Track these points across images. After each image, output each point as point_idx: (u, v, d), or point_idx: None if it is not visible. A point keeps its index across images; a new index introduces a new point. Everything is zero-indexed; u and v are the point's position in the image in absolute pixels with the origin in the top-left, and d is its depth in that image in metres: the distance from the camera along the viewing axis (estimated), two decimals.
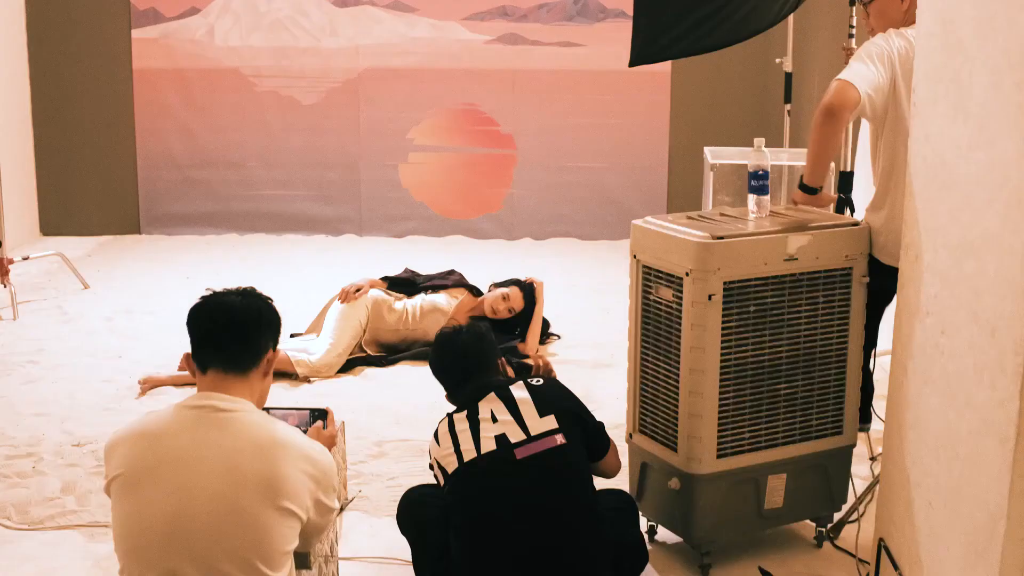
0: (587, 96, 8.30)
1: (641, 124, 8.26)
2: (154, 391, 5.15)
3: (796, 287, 3.51)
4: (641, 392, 3.69)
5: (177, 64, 8.32)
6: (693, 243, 3.38)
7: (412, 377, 5.37)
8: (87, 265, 7.50)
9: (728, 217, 3.66)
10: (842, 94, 3.51)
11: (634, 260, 3.63)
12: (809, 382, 3.60)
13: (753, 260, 3.42)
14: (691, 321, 3.40)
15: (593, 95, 8.30)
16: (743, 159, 5.67)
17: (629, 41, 8.11)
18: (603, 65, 8.23)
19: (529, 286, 5.79)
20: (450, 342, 3.55)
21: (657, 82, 8.16)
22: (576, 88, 8.30)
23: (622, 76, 8.16)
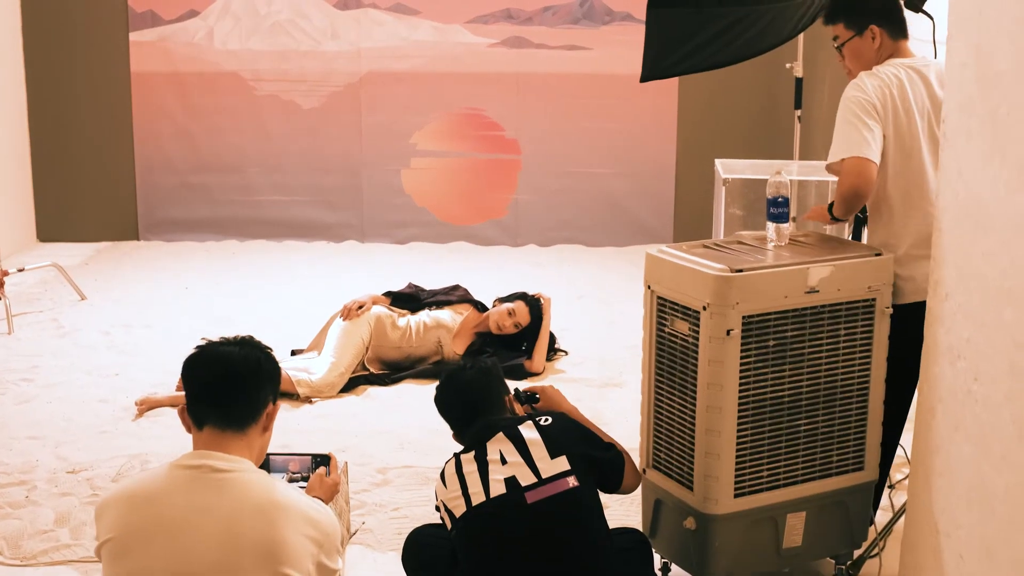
0: (593, 100, 8.16)
1: (648, 128, 8.11)
2: (151, 412, 5.02)
3: (817, 320, 3.37)
4: (655, 427, 3.56)
5: (176, 67, 8.18)
6: (711, 276, 3.24)
7: (416, 397, 5.24)
8: (84, 274, 7.37)
9: (745, 246, 3.52)
10: (864, 174, 3.45)
11: (648, 291, 3.50)
12: (830, 417, 3.46)
13: (773, 293, 3.28)
14: (708, 357, 3.27)
15: (599, 99, 8.15)
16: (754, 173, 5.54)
17: (636, 44, 7.98)
18: (609, 69, 8.08)
19: (535, 300, 5.66)
20: (455, 380, 3.42)
21: (665, 86, 8.00)
22: (582, 92, 8.16)
23: (629, 80, 8.01)
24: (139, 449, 4.62)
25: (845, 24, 3.69)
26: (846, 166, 3.48)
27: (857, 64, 3.71)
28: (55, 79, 8.10)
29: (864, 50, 3.69)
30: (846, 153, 3.48)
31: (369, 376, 5.39)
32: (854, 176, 3.46)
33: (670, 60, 4.35)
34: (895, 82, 3.56)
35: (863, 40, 3.68)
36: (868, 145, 3.48)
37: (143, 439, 4.74)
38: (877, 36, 3.66)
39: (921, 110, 3.57)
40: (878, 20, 3.66)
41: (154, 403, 5.05)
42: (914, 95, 3.58)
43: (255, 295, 6.97)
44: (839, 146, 3.52)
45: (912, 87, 3.58)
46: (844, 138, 3.51)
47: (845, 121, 3.53)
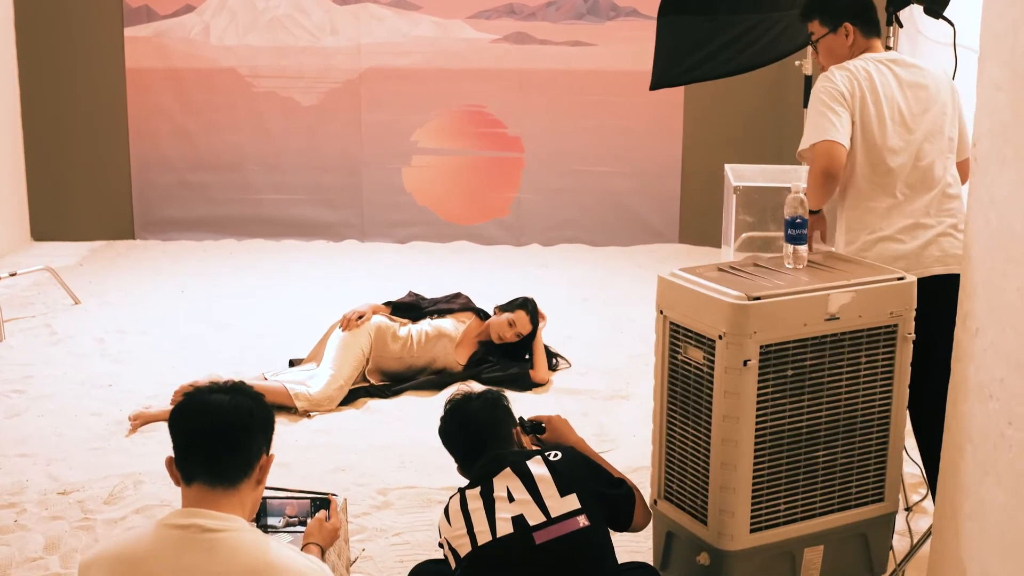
0: (597, 97, 8.00)
1: (653, 126, 7.95)
2: (144, 427, 4.88)
3: (837, 348, 3.24)
4: (667, 457, 3.42)
5: (172, 64, 8.02)
6: (727, 304, 3.10)
7: (417, 410, 5.10)
8: (79, 275, 7.22)
9: (762, 269, 3.38)
10: (833, 156, 3.56)
11: (660, 316, 3.36)
12: (850, 448, 3.33)
13: (792, 321, 3.14)
14: (724, 388, 3.13)
15: (604, 96, 8.00)
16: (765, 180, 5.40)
17: (641, 40, 7.86)
18: (614, 65, 7.93)
19: (534, 305, 5.51)
20: (460, 411, 3.28)
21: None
22: (586, 89, 8.00)
23: (634, 76, 7.87)
24: (132, 467, 4.48)
25: (820, 21, 3.80)
26: (816, 150, 3.60)
27: (830, 60, 3.80)
28: (49, 75, 7.94)
29: (837, 47, 3.79)
30: (813, 138, 3.60)
31: (369, 388, 5.25)
32: (823, 157, 3.58)
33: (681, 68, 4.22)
34: (863, 73, 3.66)
35: (837, 37, 3.77)
36: (836, 129, 3.58)
37: (136, 456, 4.60)
38: (851, 34, 3.76)
39: (889, 98, 3.65)
40: (852, 18, 3.76)
41: (148, 418, 4.91)
42: (882, 84, 3.66)
43: (253, 298, 6.82)
44: (809, 134, 3.63)
45: (880, 77, 3.67)
46: (813, 126, 3.62)
47: (815, 111, 3.64)
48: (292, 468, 4.50)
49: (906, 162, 3.63)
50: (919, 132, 3.64)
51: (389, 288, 6.95)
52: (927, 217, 3.65)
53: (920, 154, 3.64)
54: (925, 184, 3.65)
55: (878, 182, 3.64)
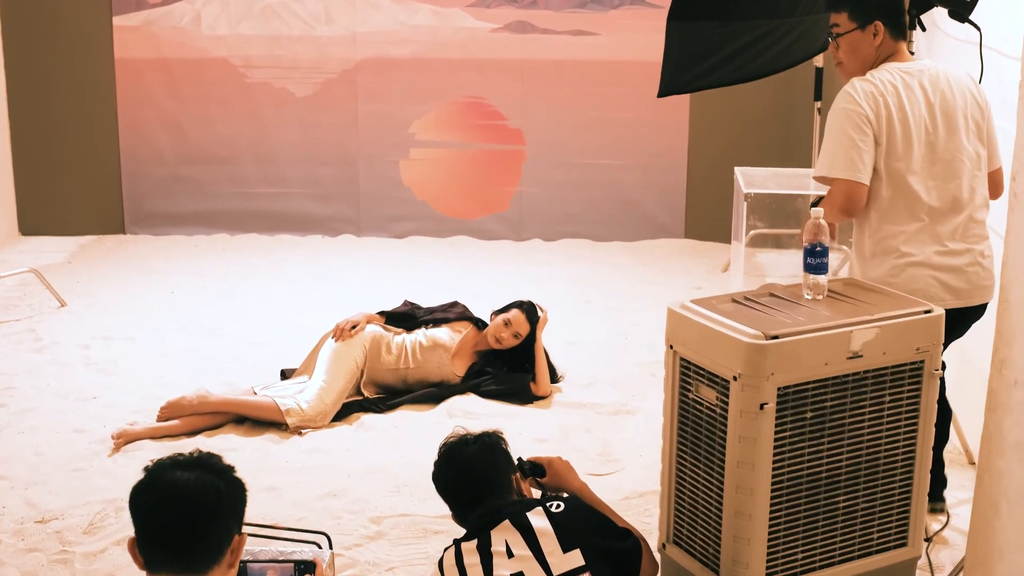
0: (601, 88, 7.76)
1: (658, 118, 7.71)
2: (128, 447, 4.67)
3: (860, 387, 3.02)
4: (676, 499, 3.22)
5: (162, 54, 7.77)
6: (743, 343, 2.88)
7: (413, 426, 4.89)
8: (66, 273, 7.01)
9: (778, 300, 3.16)
10: (854, 199, 3.41)
11: (670, 351, 3.14)
12: (872, 492, 3.12)
13: (812, 361, 2.93)
14: (739, 433, 2.91)
15: (607, 87, 7.75)
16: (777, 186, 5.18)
17: (646, 29, 7.62)
18: (618, 55, 7.68)
19: (530, 305, 5.29)
20: (456, 457, 3.07)
21: None
22: (590, 80, 7.75)
23: (638, 67, 7.64)
24: (114, 492, 4.27)
25: (849, 15, 3.51)
26: (837, 189, 3.41)
27: (853, 59, 3.55)
28: (36, 65, 7.69)
29: (863, 46, 3.52)
30: (833, 172, 3.40)
31: (363, 402, 5.04)
32: (844, 199, 3.41)
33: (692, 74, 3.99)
34: (890, 90, 3.41)
35: (864, 35, 3.50)
36: (858, 166, 3.37)
37: (119, 479, 4.39)
38: (880, 33, 3.49)
39: (916, 118, 3.42)
40: (883, 17, 3.49)
41: (132, 436, 4.70)
42: (910, 103, 3.42)
43: (245, 300, 6.61)
44: (830, 161, 3.41)
45: (907, 94, 3.42)
46: (833, 155, 3.40)
47: (837, 135, 3.40)
48: (282, 493, 4.30)
49: (933, 185, 3.42)
50: (946, 153, 3.42)
51: (386, 287, 6.76)
52: (954, 242, 3.45)
53: (947, 176, 3.43)
54: (953, 208, 3.45)
55: (904, 206, 3.44)
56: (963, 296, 3.46)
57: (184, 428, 4.78)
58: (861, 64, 3.49)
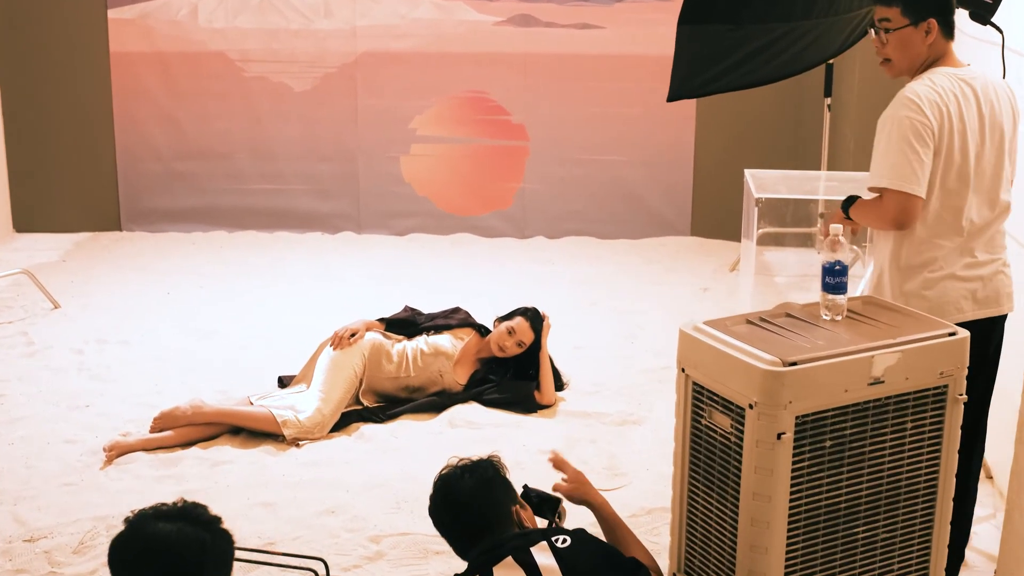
0: (606, 83, 7.61)
1: (664, 113, 7.55)
2: (121, 459, 4.54)
3: (881, 414, 2.88)
4: (688, 529, 3.08)
5: (157, 47, 7.61)
6: (759, 370, 2.74)
7: (414, 437, 4.76)
8: (61, 272, 6.89)
9: (795, 321, 3.02)
10: (910, 213, 3.23)
11: (682, 375, 3.00)
12: (892, 522, 2.99)
13: (832, 388, 2.79)
14: (754, 463, 2.78)
15: (612, 82, 7.60)
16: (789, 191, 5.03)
17: (652, 22, 7.46)
18: (624, 49, 7.52)
19: (535, 312, 5.15)
20: (451, 492, 2.92)
21: None
22: (594, 74, 7.60)
23: (644, 61, 7.49)
24: (106, 509, 4.14)
25: (903, 10, 3.32)
26: (891, 199, 3.23)
27: (903, 57, 3.35)
28: (29, 60, 7.54)
29: (915, 43, 3.33)
30: (893, 184, 3.21)
31: (362, 412, 4.91)
32: (899, 212, 3.23)
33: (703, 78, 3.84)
34: (951, 99, 3.24)
35: (917, 32, 3.31)
36: (917, 179, 3.19)
37: (111, 494, 4.27)
38: (933, 31, 3.31)
39: (973, 131, 3.26)
40: (937, 14, 3.31)
41: (124, 448, 4.57)
42: (967, 115, 3.26)
43: (242, 300, 6.48)
44: (886, 170, 3.22)
45: (965, 104, 3.26)
46: (892, 164, 3.21)
47: (897, 143, 3.20)
48: (278, 509, 4.17)
49: (977, 200, 3.29)
50: (989, 166, 3.29)
51: (387, 289, 6.63)
52: (982, 252, 3.32)
53: (990, 189, 3.30)
54: (989, 220, 3.32)
55: (950, 220, 3.29)
56: (991, 305, 3.34)
57: (178, 439, 4.65)
58: (911, 63, 3.32)
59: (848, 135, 7.14)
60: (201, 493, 4.25)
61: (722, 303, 6.46)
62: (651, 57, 7.45)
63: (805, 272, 6.99)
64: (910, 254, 3.32)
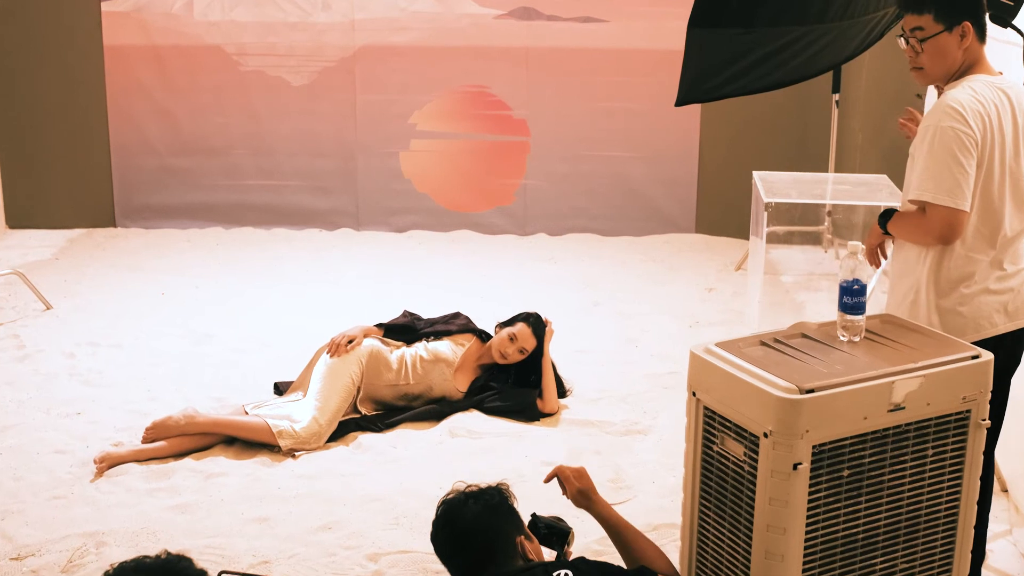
0: (609, 77, 7.47)
1: (669, 108, 7.27)
2: (112, 471, 4.41)
3: (901, 441, 2.76)
4: (699, 560, 2.95)
5: (152, 41, 7.47)
6: (775, 398, 2.61)
7: (413, 447, 4.64)
8: (53, 271, 6.76)
9: (811, 343, 2.89)
10: (956, 228, 3.10)
11: (693, 399, 2.87)
12: (911, 552, 2.86)
13: (851, 415, 2.66)
14: (769, 494, 2.65)
15: (616, 76, 7.46)
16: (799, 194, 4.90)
17: (657, 16, 7.31)
18: (627, 43, 7.39)
19: (537, 318, 5.03)
20: (455, 521, 2.81)
21: None
22: (597, 68, 7.46)
23: (648, 55, 7.36)
24: (96, 524, 4.02)
25: (935, 15, 3.16)
26: (936, 214, 3.09)
27: (939, 65, 3.21)
28: (21, 53, 7.41)
29: (951, 49, 3.18)
30: (938, 198, 3.07)
31: (360, 420, 4.78)
32: (944, 227, 3.10)
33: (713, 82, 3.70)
34: (992, 109, 3.11)
35: (952, 37, 3.17)
36: (963, 193, 3.06)
37: (101, 509, 4.14)
38: (968, 35, 3.17)
39: (1012, 142, 3.16)
40: (971, 16, 3.17)
41: (115, 459, 4.44)
42: (1005, 124, 3.14)
43: (238, 301, 6.35)
44: (930, 183, 3.08)
45: (1004, 114, 3.14)
46: (936, 177, 3.07)
47: (943, 156, 3.07)
48: (273, 525, 4.04)
49: (1010, 212, 3.18)
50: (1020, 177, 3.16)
51: (385, 289, 6.52)
52: (1010, 264, 3.21)
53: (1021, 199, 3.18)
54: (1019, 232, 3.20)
55: (987, 233, 3.17)
56: (1020, 316, 3.24)
57: (171, 450, 4.53)
58: (946, 70, 3.19)
59: (856, 130, 7.00)
60: (194, 507, 4.14)
61: (728, 303, 6.33)
62: (655, 51, 7.31)
63: (812, 271, 6.87)
64: (948, 269, 3.19)
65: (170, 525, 4.02)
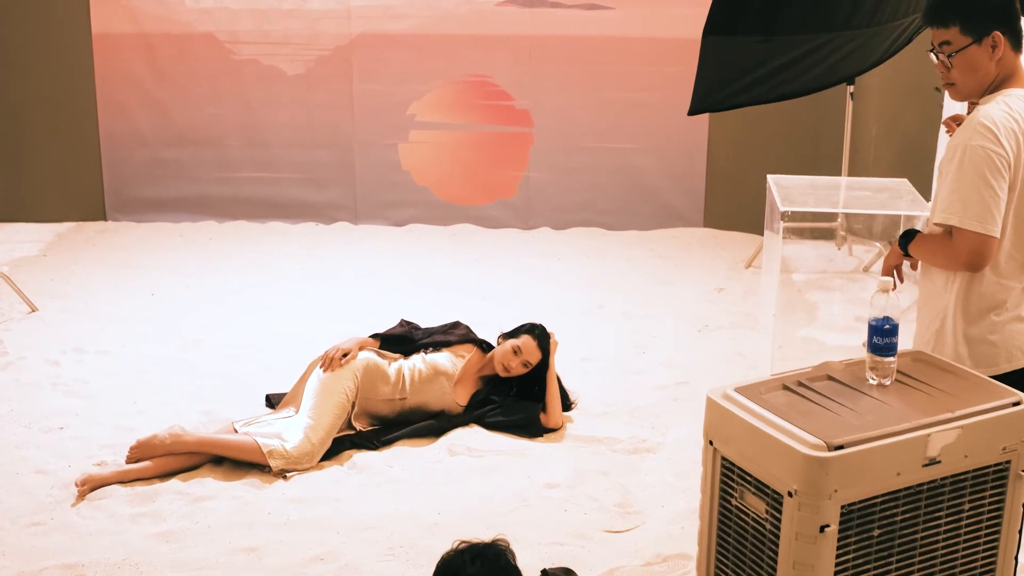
0: (615, 67, 7.23)
1: (676, 99, 7.14)
2: (95, 493, 4.20)
3: (935, 497, 2.54)
4: None
5: (143, 28, 7.24)
6: (801, 455, 2.39)
7: (411, 467, 4.42)
8: (40, 270, 6.55)
9: (838, 387, 2.67)
10: (985, 256, 2.88)
11: (710, 447, 2.66)
12: None
13: (883, 472, 2.45)
14: (793, 558, 2.44)
15: (622, 65, 7.23)
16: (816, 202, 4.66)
17: (663, 3, 7.07)
18: (633, 31, 7.15)
19: (542, 331, 4.81)
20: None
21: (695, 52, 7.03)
22: (602, 57, 7.22)
23: (654, 44, 7.13)
24: (75, 555, 3.81)
25: (961, 28, 2.94)
26: (963, 240, 2.87)
27: (971, 80, 2.99)
28: (7, 42, 7.17)
29: (982, 62, 2.97)
30: (966, 223, 2.86)
31: (355, 437, 4.57)
32: (971, 254, 2.88)
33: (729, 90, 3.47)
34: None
35: (982, 49, 2.95)
36: (993, 218, 2.85)
37: (80, 537, 3.93)
38: (1000, 45, 2.94)
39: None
40: (1001, 25, 2.94)
41: (98, 481, 4.23)
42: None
43: (231, 303, 6.14)
44: (958, 206, 2.86)
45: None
46: (964, 199, 2.85)
47: (971, 176, 2.85)
48: (262, 555, 3.83)
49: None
50: None
51: (384, 288, 6.32)
52: None
53: None
54: None
55: (1019, 259, 2.97)
56: None
57: (156, 470, 4.32)
58: (979, 84, 2.97)
59: (871, 122, 6.77)
60: (179, 535, 3.93)
61: (738, 304, 6.12)
62: (662, 40, 7.07)
63: (824, 269, 6.65)
64: (978, 297, 2.98)
65: (153, 556, 3.81)
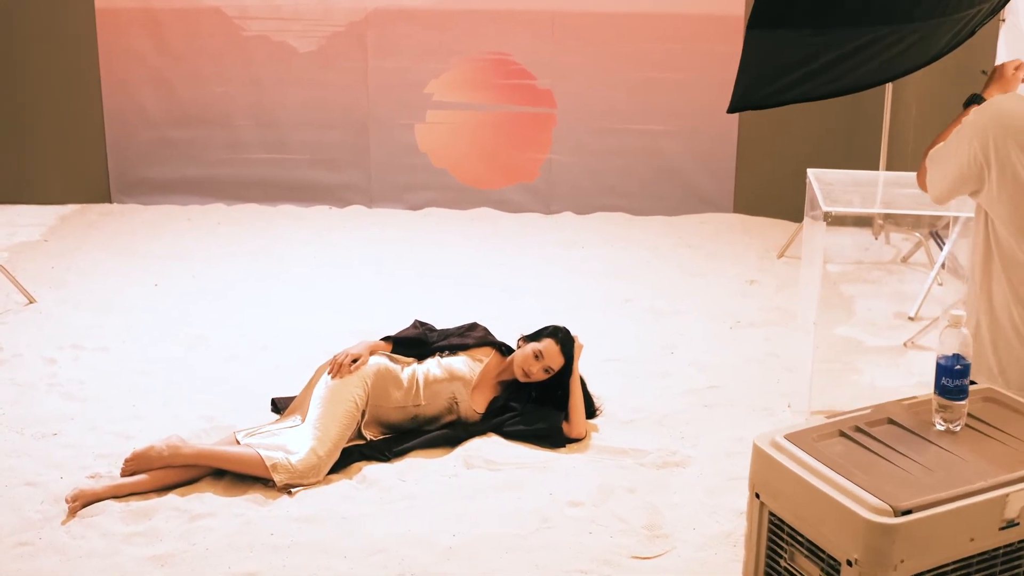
0: (641, 45, 6.93)
1: (706, 78, 6.86)
2: (87, 510, 3.93)
3: (1012, 562, 2.25)
4: None
5: (148, 3, 7.00)
6: (864, 521, 2.10)
7: (424, 481, 4.14)
8: (40, 256, 6.30)
9: (901, 433, 2.37)
10: None
11: (756, 500, 2.36)
12: None
13: (956, 538, 2.15)
14: None
15: (649, 43, 6.92)
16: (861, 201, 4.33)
17: None
18: (661, 7, 6.84)
19: (566, 334, 4.51)
20: None
21: (727, 29, 6.73)
22: (628, 35, 6.92)
23: (683, 20, 6.81)
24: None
25: None
26: None
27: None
28: (7, 17, 6.90)
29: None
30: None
31: (365, 448, 4.29)
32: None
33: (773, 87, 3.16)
34: None
35: None
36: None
37: (71, 559, 3.67)
38: None
39: None
40: None
41: (90, 497, 3.96)
42: None
43: (237, 294, 5.87)
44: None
45: None
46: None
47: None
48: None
49: None
50: None
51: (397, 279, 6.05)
52: None
53: None
54: None
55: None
56: None
57: (152, 484, 4.05)
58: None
59: (911, 102, 6.45)
60: (175, 559, 3.67)
61: (771, 299, 5.82)
62: (690, 16, 6.75)
63: (860, 259, 6.34)
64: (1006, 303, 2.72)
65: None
